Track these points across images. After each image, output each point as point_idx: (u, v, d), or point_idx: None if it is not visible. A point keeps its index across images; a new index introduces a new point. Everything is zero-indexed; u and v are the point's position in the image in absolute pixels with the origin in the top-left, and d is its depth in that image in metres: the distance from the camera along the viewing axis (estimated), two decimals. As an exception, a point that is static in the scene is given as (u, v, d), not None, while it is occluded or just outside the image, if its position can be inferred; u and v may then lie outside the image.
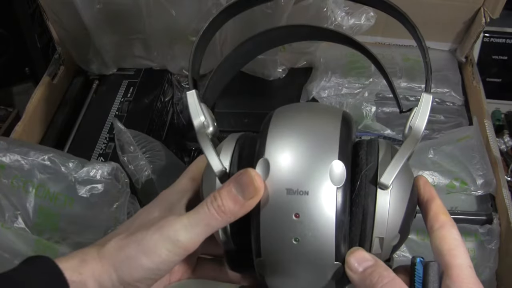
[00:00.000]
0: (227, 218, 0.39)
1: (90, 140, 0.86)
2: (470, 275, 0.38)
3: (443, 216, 0.42)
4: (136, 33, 0.93)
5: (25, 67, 1.08)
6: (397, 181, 0.40)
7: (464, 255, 0.39)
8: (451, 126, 0.87)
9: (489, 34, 1.07)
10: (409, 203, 0.41)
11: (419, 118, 0.43)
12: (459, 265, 0.38)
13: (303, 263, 0.39)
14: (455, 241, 0.40)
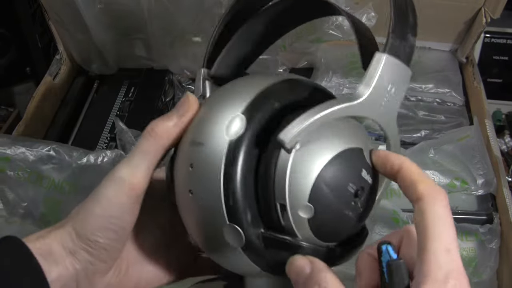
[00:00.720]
0: (161, 139, 0.39)
1: (91, 140, 0.86)
2: (445, 262, 0.31)
3: (421, 185, 0.34)
4: (137, 33, 0.93)
5: (26, 67, 1.08)
6: (313, 142, 0.35)
7: (442, 234, 0.32)
8: (451, 126, 0.87)
9: (490, 34, 1.07)
10: (330, 171, 0.35)
11: (365, 80, 0.35)
12: (432, 251, 0.32)
13: (198, 219, 0.38)
14: (434, 217, 0.33)
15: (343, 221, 0.36)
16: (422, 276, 0.31)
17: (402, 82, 0.36)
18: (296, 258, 0.36)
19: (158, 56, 0.97)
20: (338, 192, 0.35)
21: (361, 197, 0.36)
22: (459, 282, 0.31)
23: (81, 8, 0.86)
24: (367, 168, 0.37)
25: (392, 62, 0.35)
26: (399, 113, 0.91)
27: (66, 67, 0.98)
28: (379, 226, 0.70)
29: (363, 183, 0.36)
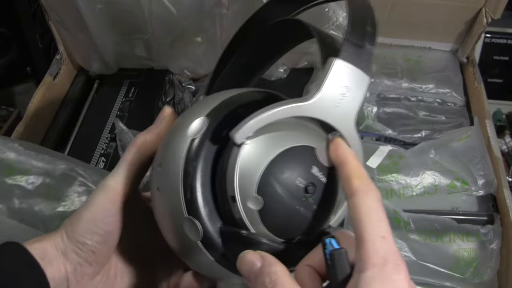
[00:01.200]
0: (141, 148, 0.43)
1: (91, 140, 0.86)
2: (382, 248, 0.33)
3: (356, 181, 0.36)
4: (137, 33, 0.93)
5: (27, 67, 1.08)
6: (263, 138, 0.37)
7: (376, 224, 0.34)
8: (452, 127, 0.87)
9: (491, 34, 1.07)
10: (278, 165, 0.37)
11: (316, 82, 0.38)
12: (369, 239, 0.33)
13: (164, 214, 0.40)
14: (367, 209, 0.35)
15: (294, 215, 0.38)
16: (362, 262, 0.33)
17: (358, 87, 0.38)
18: (247, 253, 0.37)
19: (158, 56, 0.97)
20: (286, 186, 0.37)
21: (313, 194, 0.38)
22: (397, 266, 0.33)
23: (82, 8, 0.86)
24: (320, 167, 0.38)
25: (346, 67, 0.37)
26: (400, 113, 0.92)
27: (66, 67, 0.98)
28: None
29: (314, 180, 0.38)
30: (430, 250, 0.70)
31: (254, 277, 0.36)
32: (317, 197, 0.38)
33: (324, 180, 0.38)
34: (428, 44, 1.00)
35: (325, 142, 0.39)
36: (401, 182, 0.76)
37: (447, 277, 0.69)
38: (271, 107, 0.36)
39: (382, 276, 0.32)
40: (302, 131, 0.39)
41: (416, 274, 0.69)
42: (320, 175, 0.38)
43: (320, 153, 0.39)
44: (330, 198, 0.39)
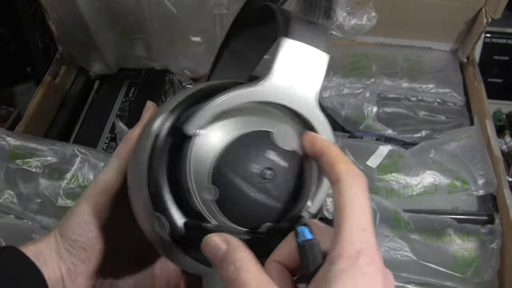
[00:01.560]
0: (129, 142, 0.42)
1: (91, 140, 0.86)
2: (358, 240, 0.31)
3: (341, 166, 0.34)
4: (137, 33, 0.93)
5: (27, 67, 1.08)
6: (215, 127, 0.36)
7: (358, 214, 0.32)
8: (452, 127, 0.87)
9: (491, 34, 1.07)
10: (230, 153, 0.36)
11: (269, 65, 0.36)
12: (347, 230, 0.32)
13: (137, 212, 0.40)
14: (350, 198, 0.33)
15: (253, 203, 0.36)
16: (335, 254, 0.31)
17: (314, 66, 0.36)
18: (211, 236, 0.36)
19: (158, 56, 0.97)
20: (241, 173, 0.36)
21: (271, 179, 0.36)
22: (371, 260, 0.31)
23: (82, 8, 0.86)
24: (279, 151, 0.37)
25: (297, 46, 0.36)
26: (400, 113, 0.92)
27: (66, 67, 0.98)
28: (381, 227, 0.71)
29: (271, 164, 0.36)
30: (430, 250, 0.70)
31: (220, 262, 0.34)
32: (279, 182, 0.36)
33: (284, 165, 0.37)
34: (428, 44, 1.00)
35: (285, 125, 0.38)
36: (401, 182, 0.76)
37: (447, 276, 0.69)
38: (220, 95, 0.36)
39: (354, 269, 0.30)
40: (258, 116, 0.37)
41: (417, 274, 0.69)
42: (278, 159, 0.37)
43: (279, 137, 0.37)
44: (295, 182, 0.37)
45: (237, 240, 0.35)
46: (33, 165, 0.74)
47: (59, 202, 0.73)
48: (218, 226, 0.37)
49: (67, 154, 0.75)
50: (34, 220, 0.72)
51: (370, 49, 0.99)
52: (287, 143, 0.37)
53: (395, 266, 0.69)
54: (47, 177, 0.74)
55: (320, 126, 0.38)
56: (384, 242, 0.70)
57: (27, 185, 0.73)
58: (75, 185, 0.74)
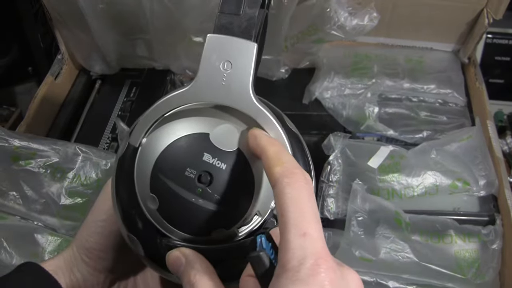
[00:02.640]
0: None
1: (92, 140, 0.86)
2: (300, 248, 0.29)
3: (276, 169, 0.31)
4: (139, 33, 0.93)
5: (28, 67, 1.08)
6: (155, 136, 0.36)
7: (297, 219, 0.30)
8: (453, 127, 0.87)
9: (492, 35, 1.07)
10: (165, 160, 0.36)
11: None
12: (287, 238, 0.29)
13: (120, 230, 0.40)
14: (288, 201, 0.30)
15: (194, 209, 0.35)
16: (278, 267, 0.29)
17: (241, 57, 0.35)
18: (171, 253, 0.35)
19: (160, 56, 0.97)
20: (176, 179, 0.35)
21: (209, 183, 0.35)
22: (316, 266, 0.28)
23: (83, 8, 0.86)
24: (217, 153, 0.35)
25: (221, 40, 0.35)
26: (401, 113, 0.92)
27: (68, 67, 0.98)
28: (382, 228, 0.70)
29: (209, 168, 0.35)
30: (431, 251, 0.70)
31: (181, 277, 0.34)
32: (218, 185, 0.35)
33: (223, 167, 0.35)
34: (430, 45, 1.00)
35: (226, 124, 0.36)
36: (403, 183, 0.76)
37: (449, 278, 0.69)
38: (157, 101, 0.36)
39: (296, 282, 0.28)
40: (197, 118, 0.36)
41: (418, 275, 0.69)
42: (216, 162, 0.35)
43: (217, 138, 0.36)
44: (240, 184, 0.35)
45: (193, 254, 0.35)
46: (36, 166, 0.74)
47: (62, 201, 0.73)
48: (169, 239, 0.36)
49: (69, 153, 0.75)
50: (39, 220, 0.73)
51: (372, 50, 0.99)
52: (226, 143, 0.36)
53: (396, 267, 0.69)
54: (49, 177, 0.74)
55: (261, 118, 0.35)
56: (385, 243, 0.70)
57: (30, 185, 0.74)
58: (78, 184, 0.74)
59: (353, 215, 0.71)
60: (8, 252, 0.67)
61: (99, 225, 0.42)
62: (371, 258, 0.69)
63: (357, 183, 0.74)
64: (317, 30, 0.91)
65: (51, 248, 0.69)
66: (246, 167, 0.35)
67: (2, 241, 0.67)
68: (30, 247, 0.68)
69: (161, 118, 0.36)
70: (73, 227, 0.72)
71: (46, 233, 0.70)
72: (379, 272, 0.69)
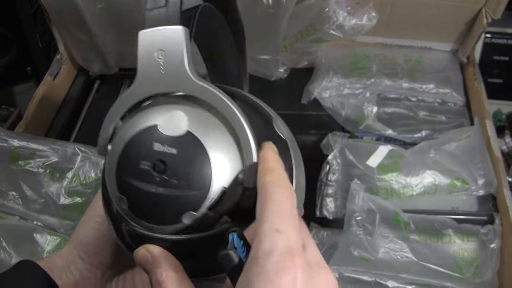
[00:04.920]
0: None
1: (91, 140, 0.85)
2: (271, 242, 0.29)
3: (268, 177, 0.33)
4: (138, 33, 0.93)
5: (27, 67, 1.08)
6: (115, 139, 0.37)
7: (274, 215, 0.31)
8: (452, 127, 0.87)
9: (491, 35, 1.07)
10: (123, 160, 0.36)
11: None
12: (260, 231, 0.30)
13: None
14: (269, 201, 0.31)
15: (159, 199, 0.35)
16: (248, 261, 0.30)
17: (171, 42, 0.35)
18: (137, 251, 0.36)
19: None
20: (135, 175, 0.36)
21: (164, 170, 0.35)
22: (282, 263, 0.29)
23: (82, 8, 0.86)
24: (165, 140, 0.35)
25: (150, 33, 0.36)
26: (400, 113, 0.92)
27: (66, 67, 0.98)
28: (381, 227, 0.71)
29: (160, 156, 0.35)
30: (430, 250, 0.70)
31: (150, 275, 0.35)
32: (175, 170, 0.35)
33: (174, 151, 0.35)
34: (429, 44, 1.00)
35: (174, 112, 0.36)
36: (401, 182, 0.76)
37: (447, 277, 0.69)
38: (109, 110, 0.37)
39: (260, 276, 0.28)
40: (144, 114, 0.37)
41: (417, 274, 0.69)
42: (166, 148, 0.35)
43: (166, 126, 0.36)
44: (195, 163, 0.35)
45: (160, 251, 0.35)
46: (35, 166, 0.75)
47: (61, 201, 0.73)
48: (145, 230, 0.36)
49: (68, 153, 0.75)
50: (38, 220, 0.73)
51: (370, 49, 0.99)
52: (175, 129, 0.36)
53: (395, 267, 0.69)
54: (48, 176, 0.74)
55: (204, 94, 0.35)
56: (384, 243, 0.70)
57: (29, 185, 0.74)
58: (77, 184, 0.74)
59: (352, 215, 0.71)
60: (7, 252, 0.67)
61: (97, 221, 0.43)
62: (370, 258, 0.69)
63: (355, 183, 0.74)
64: (315, 29, 0.91)
65: (50, 247, 0.69)
66: (198, 146, 0.35)
67: (1, 241, 0.67)
68: (29, 246, 0.69)
69: (115, 123, 0.38)
70: (73, 226, 0.72)
71: (45, 233, 0.70)
72: (378, 272, 0.69)
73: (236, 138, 0.35)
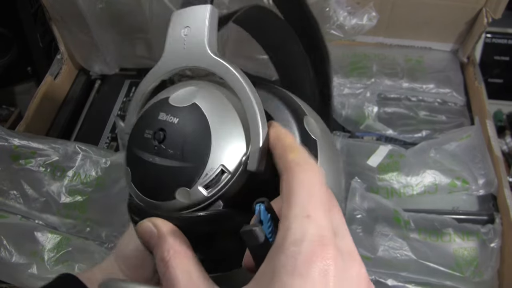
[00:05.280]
0: None
1: (92, 140, 0.86)
2: (301, 228, 0.27)
3: (290, 155, 0.31)
4: (138, 33, 0.93)
5: (27, 67, 1.08)
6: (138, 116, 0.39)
7: (304, 201, 0.28)
8: (453, 126, 0.87)
9: (491, 34, 1.07)
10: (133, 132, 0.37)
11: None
12: (290, 216, 0.28)
13: None
14: (298, 183, 0.29)
15: (154, 168, 0.34)
16: (274, 247, 0.28)
17: (196, 19, 0.37)
18: (141, 223, 0.34)
19: (159, 56, 0.97)
20: (139, 145, 0.36)
21: (163, 139, 0.34)
22: (313, 252, 0.26)
23: (82, 8, 0.86)
24: (171, 111, 0.35)
25: (180, 13, 0.38)
26: (400, 113, 0.92)
27: (67, 67, 0.98)
28: (381, 226, 0.71)
29: (162, 125, 0.35)
30: (430, 249, 0.70)
31: (154, 252, 0.32)
32: (173, 140, 0.34)
33: (175, 121, 0.34)
34: (429, 44, 1.00)
35: (184, 86, 0.37)
36: (402, 182, 0.76)
37: (447, 276, 0.69)
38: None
39: (289, 267, 0.26)
40: (168, 89, 0.38)
41: (416, 273, 0.69)
42: (169, 118, 0.35)
43: (175, 99, 0.36)
44: (195, 136, 0.34)
45: (167, 225, 0.33)
46: (36, 165, 0.75)
47: (62, 199, 0.73)
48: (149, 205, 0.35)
49: (69, 152, 0.75)
50: (39, 219, 0.73)
51: (371, 49, 0.99)
52: (183, 101, 0.35)
53: (395, 265, 0.69)
54: (49, 175, 0.74)
55: (219, 69, 0.35)
56: (383, 241, 0.70)
57: (30, 184, 0.74)
58: (78, 182, 0.74)
59: (352, 213, 0.71)
60: (8, 250, 0.67)
61: (133, 239, 0.41)
62: (370, 256, 0.69)
63: (356, 181, 0.74)
64: (316, 29, 0.91)
65: (50, 246, 0.69)
66: (200, 118, 0.34)
67: (2, 239, 0.67)
68: (30, 245, 0.69)
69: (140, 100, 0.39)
70: (74, 225, 0.72)
71: (45, 231, 0.70)
72: (377, 270, 0.69)
73: (245, 120, 0.34)
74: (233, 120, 0.34)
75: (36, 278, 0.66)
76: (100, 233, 0.72)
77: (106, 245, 0.71)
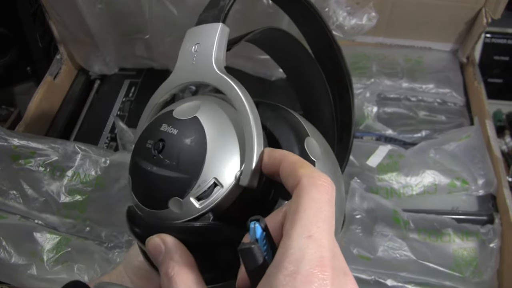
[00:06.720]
0: None
1: (91, 140, 0.86)
2: (300, 249, 0.27)
3: (301, 170, 0.30)
4: (138, 33, 0.93)
5: (27, 67, 1.08)
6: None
7: (307, 218, 0.28)
8: (452, 126, 0.87)
9: (491, 34, 1.07)
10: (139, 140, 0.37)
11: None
12: (291, 235, 0.27)
13: None
14: (305, 201, 0.29)
15: (151, 177, 0.35)
16: (273, 265, 0.27)
17: (207, 36, 0.39)
18: (150, 239, 0.34)
19: (159, 56, 0.97)
20: (140, 154, 0.36)
21: (162, 148, 0.35)
22: (311, 274, 0.26)
23: (82, 8, 0.86)
24: (172, 122, 0.36)
25: (194, 30, 0.40)
26: (400, 113, 0.92)
27: (66, 67, 0.98)
28: (380, 226, 0.71)
29: (162, 135, 0.35)
30: (429, 249, 0.70)
31: (160, 268, 0.33)
32: (170, 150, 0.34)
33: (175, 132, 0.35)
34: (428, 44, 1.00)
35: (189, 100, 0.38)
36: (401, 182, 0.76)
37: (446, 276, 0.69)
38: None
39: (288, 287, 0.26)
40: (175, 103, 0.39)
41: (416, 273, 0.69)
42: (169, 129, 0.35)
43: (179, 112, 0.36)
44: (191, 148, 0.34)
45: (175, 242, 0.33)
46: (35, 165, 0.74)
47: (62, 199, 0.73)
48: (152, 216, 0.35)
49: (68, 152, 0.75)
50: (39, 219, 0.73)
51: (370, 49, 0.99)
52: (185, 114, 0.36)
53: (394, 265, 0.69)
54: (49, 175, 0.74)
55: (223, 86, 0.36)
56: (383, 241, 0.70)
57: (30, 184, 0.74)
58: (77, 182, 0.74)
59: (351, 214, 0.71)
60: (7, 251, 0.67)
61: (140, 252, 0.41)
62: (369, 256, 0.69)
63: (355, 181, 0.74)
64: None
65: (50, 246, 0.69)
66: (198, 131, 0.35)
67: (1, 240, 0.67)
68: (29, 245, 0.69)
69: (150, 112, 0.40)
70: (73, 224, 0.72)
71: (45, 232, 0.70)
72: (377, 270, 0.69)
73: (243, 136, 0.34)
74: (231, 135, 0.35)
75: (36, 278, 0.66)
76: (99, 232, 0.72)
77: (106, 244, 0.71)
